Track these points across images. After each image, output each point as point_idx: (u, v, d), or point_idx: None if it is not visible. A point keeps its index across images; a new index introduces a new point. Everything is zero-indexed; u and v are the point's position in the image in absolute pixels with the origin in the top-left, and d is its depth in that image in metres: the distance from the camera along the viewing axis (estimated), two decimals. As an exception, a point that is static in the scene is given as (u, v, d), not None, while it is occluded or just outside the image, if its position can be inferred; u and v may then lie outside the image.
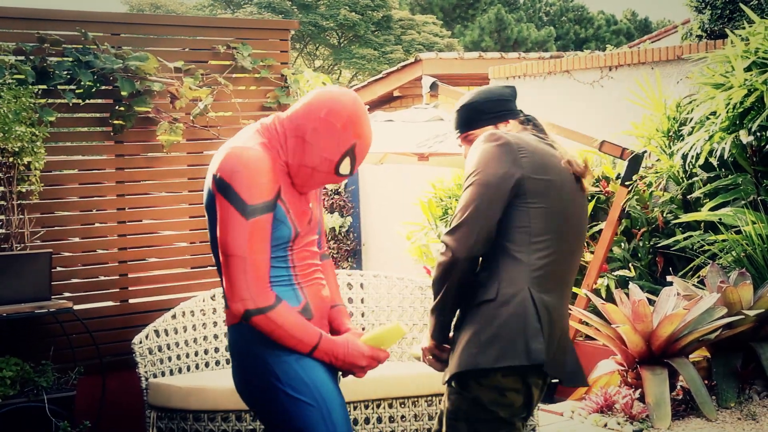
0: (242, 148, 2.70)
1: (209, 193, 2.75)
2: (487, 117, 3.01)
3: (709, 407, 5.16)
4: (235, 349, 2.83)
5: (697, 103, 6.35)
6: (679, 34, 11.18)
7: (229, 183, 2.66)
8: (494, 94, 3.06)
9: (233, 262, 2.66)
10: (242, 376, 2.83)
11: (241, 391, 2.87)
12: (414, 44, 28.51)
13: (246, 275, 2.66)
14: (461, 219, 2.73)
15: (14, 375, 4.52)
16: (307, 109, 2.81)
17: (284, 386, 2.73)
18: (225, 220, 2.67)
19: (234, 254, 2.66)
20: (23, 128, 4.74)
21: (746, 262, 5.79)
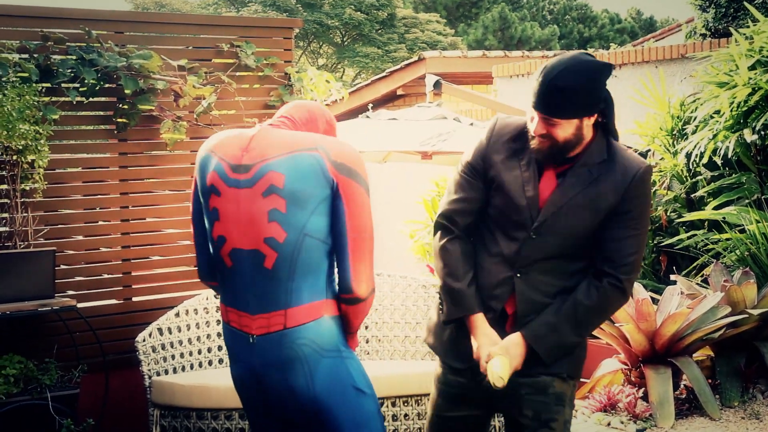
0: (339, 140, 2.78)
1: (322, 179, 2.65)
2: (585, 109, 2.76)
3: (713, 406, 5.16)
4: (307, 349, 2.67)
5: (701, 102, 6.35)
6: (683, 32, 11.16)
7: (352, 167, 2.69)
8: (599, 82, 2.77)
9: (369, 243, 2.69)
10: (311, 377, 2.69)
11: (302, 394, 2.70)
12: (418, 43, 28.51)
13: (372, 256, 2.72)
14: (639, 267, 2.89)
15: (18, 373, 4.52)
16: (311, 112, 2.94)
17: (355, 382, 2.75)
18: (360, 202, 2.68)
19: (369, 236, 2.69)
20: (27, 126, 4.74)
21: (750, 261, 5.78)
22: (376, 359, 5.28)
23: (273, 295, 2.67)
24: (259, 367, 2.71)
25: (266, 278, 2.67)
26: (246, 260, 2.68)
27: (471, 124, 6.39)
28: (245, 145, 2.74)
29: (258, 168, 2.67)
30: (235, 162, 2.71)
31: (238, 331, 2.73)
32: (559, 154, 2.79)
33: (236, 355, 2.77)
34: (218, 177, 2.71)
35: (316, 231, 2.66)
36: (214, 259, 2.79)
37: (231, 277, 2.72)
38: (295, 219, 2.65)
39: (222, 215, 2.70)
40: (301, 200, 2.64)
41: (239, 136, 2.78)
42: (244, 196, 2.68)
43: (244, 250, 2.68)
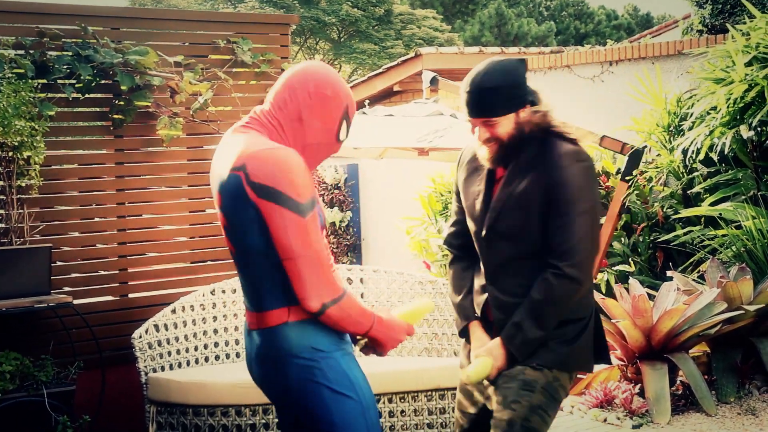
0: (269, 149, 2.63)
1: (243, 203, 2.63)
2: (513, 103, 2.92)
3: (709, 402, 5.17)
4: (278, 351, 2.71)
5: (697, 98, 6.35)
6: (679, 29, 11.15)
7: (274, 188, 2.58)
8: (518, 75, 2.94)
9: (302, 263, 2.62)
10: (284, 377, 2.72)
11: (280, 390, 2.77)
12: (414, 39, 28.48)
13: (317, 271, 2.64)
14: (587, 253, 2.92)
15: (14, 369, 4.52)
16: (291, 91, 2.76)
17: (330, 382, 2.71)
18: (282, 225, 2.59)
19: (301, 255, 2.62)
20: (23, 122, 4.73)
21: (746, 257, 5.79)
22: (372, 356, 5.27)
23: (251, 295, 2.77)
24: (250, 357, 2.84)
25: (246, 280, 2.77)
26: (237, 263, 2.80)
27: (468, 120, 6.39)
28: (216, 157, 2.79)
29: (215, 185, 2.74)
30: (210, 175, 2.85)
31: (246, 323, 2.86)
32: (511, 152, 2.94)
33: (245, 346, 2.90)
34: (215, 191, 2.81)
35: (255, 247, 2.66)
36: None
37: (242, 278, 2.82)
38: (236, 236, 2.71)
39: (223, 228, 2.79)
40: (234, 222, 2.68)
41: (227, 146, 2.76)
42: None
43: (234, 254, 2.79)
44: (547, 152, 2.93)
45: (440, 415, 4.63)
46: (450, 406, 4.64)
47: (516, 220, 2.93)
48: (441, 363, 4.80)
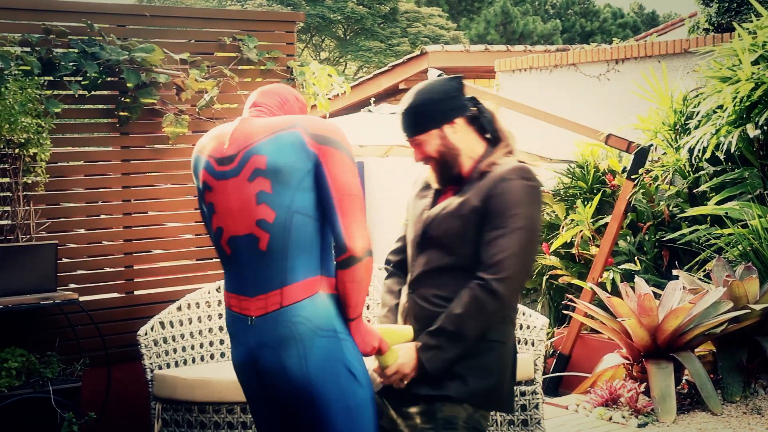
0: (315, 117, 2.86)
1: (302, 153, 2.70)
2: (431, 121, 2.93)
3: (715, 401, 5.16)
4: (303, 327, 2.67)
5: (703, 97, 6.33)
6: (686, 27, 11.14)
7: (331, 136, 2.74)
8: (437, 92, 2.95)
9: (357, 201, 2.71)
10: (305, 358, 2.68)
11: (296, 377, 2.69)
12: (420, 37, 28.47)
13: (364, 216, 2.74)
14: (516, 271, 2.80)
15: (20, 366, 4.53)
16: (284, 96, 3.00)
17: (350, 365, 2.73)
18: (341, 164, 2.72)
19: (356, 194, 2.71)
20: (29, 119, 4.74)
21: (752, 256, 5.78)
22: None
23: (269, 275, 2.71)
24: (255, 347, 2.74)
25: (262, 260, 2.72)
26: (242, 245, 2.75)
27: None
28: (227, 138, 2.81)
29: (242, 155, 2.75)
30: (220, 155, 2.80)
31: (239, 315, 2.78)
32: (448, 167, 2.96)
33: (236, 339, 2.82)
34: (208, 173, 2.81)
35: (304, 207, 2.70)
36: (216, 250, 2.88)
37: (231, 263, 2.80)
38: (281, 197, 2.70)
39: (217, 208, 2.79)
40: (285, 177, 2.70)
41: (221, 133, 2.86)
42: (232, 186, 2.75)
43: (239, 236, 2.75)
44: (497, 168, 2.89)
45: (445, 413, 4.62)
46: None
47: (451, 227, 2.87)
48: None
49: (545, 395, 5.31)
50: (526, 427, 4.58)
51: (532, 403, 4.60)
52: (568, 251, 7.25)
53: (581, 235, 7.00)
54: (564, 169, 7.61)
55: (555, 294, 7.55)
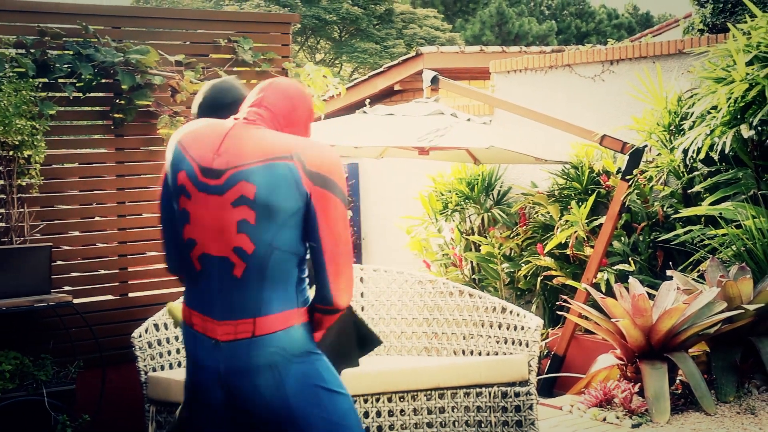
0: (319, 143, 2.66)
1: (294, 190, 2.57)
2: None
3: (708, 401, 5.17)
4: (277, 357, 2.59)
5: (698, 98, 6.34)
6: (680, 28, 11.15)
7: (330, 177, 2.60)
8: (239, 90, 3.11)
9: (344, 254, 2.61)
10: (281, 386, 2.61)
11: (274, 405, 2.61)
12: (415, 38, 28.48)
13: (351, 266, 2.66)
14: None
15: (13, 369, 4.52)
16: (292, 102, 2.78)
17: (326, 383, 2.67)
18: (334, 214, 2.59)
19: (349, 246, 2.62)
20: (23, 121, 4.74)
21: (746, 257, 5.79)
22: (372, 354, 5.28)
23: (241, 303, 2.59)
24: (225, 373, 2.61)
25: (235, 286, 2.59)
26: (215, 266, 2.60)
27: (468, 120, 6.39)
28: (217, 146, 2.63)
29: (229, 175, 2.58)
30: (206, 165, 2.61)
31: (202, 335, 2.64)
32: None
33: (198, 360, 2.65)
34: (188, 179, 2.62)
35: (285, 244, 2.58)
36: (183, 260, 2.70)
37: (198, 281, 2.65)
38: (263, 233, 2.56)
39: (192, 219, 2.61)
40: (272, 213, 2.56)
41: (211, 134, 2.66)
42: (213, 203, 2.59)
43: (213, 256, 2.60)
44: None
45: (439, 414, 4.63)
46: (450, 406, 4.64)
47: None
48: (440, 362, 4.81)
49: (539, 396, 5.31)
50: (520, 427, 4.58)
51: (527, 404, 4.61)
52: (563, 252, 7.26)
53: (576, 235, 7.01)
54: (558, 169, 7.62)
55: (549, 295, 7.55)
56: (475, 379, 4.60)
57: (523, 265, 7.49)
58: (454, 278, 8.03)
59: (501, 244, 7.67)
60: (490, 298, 5.10)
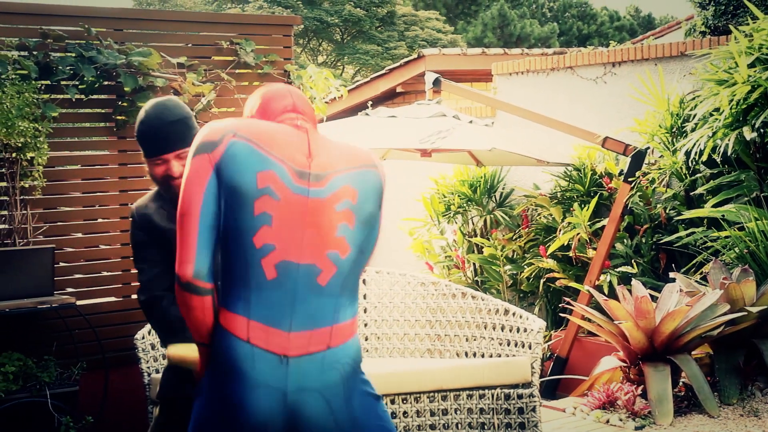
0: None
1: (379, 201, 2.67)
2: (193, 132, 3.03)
3: (712, 403, 5.16)
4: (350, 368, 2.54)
5: (700, 100, 6.34)
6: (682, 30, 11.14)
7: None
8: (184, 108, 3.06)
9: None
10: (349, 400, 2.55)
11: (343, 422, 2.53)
12: (417, 40, 28.50)
13: None
14: None
15: (17, 370, 4.53)
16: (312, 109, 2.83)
17: (375, 391, 2.70)
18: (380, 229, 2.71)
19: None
20: (26, 123, 4.74)
21: (749, 259, 5.78)
22: (375, 356, 5.28)
23: (320, 311, 2.49)
24: (294, 392, 2.44)
25: (315, 294, 2.49)
26: (295, 274, 2.47)
27: (470, 122, 6.39)
28: (306, 150, 2.53)
29: (331, 179, 2.52)
30: (301, 168, 2.49)
31: (264, 352, 2.43)
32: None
33: (255, 380, 2.42)
34: (280, 180, 2.46)
35: (368, 249, 2.62)
36: (244, 266, 2.45)
37: (268, 289, 2.45)
38: (358, 236, 2.56)
39: (276, 222, 2.44)
40: (365, 218, 2.58)
41: (290, 137, 2.55)
42: (313, 207, 2.49)
43: (295, 264, 2.47)
44: None
45: (442, 416, 4.63)
46: (453, 407, 4.64)
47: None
48: (443, 364, 4.81)
49: (542, 398, 5.31)
50: (523, 429, 4.58)
51: (530, 406, 4.60)
52: (565, 254, 7.25)
53: (578, 238, 7.01)
54: (561, 171, 7.62)
55: (552, 297, 7.55)
56: (478, 380, 4.60)
57: (526, 267, 7.49)
58: (456, 280, 8.03)
59: (503, 246, 7.67)
60: (493, 300, 5.10)
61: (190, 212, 2.43)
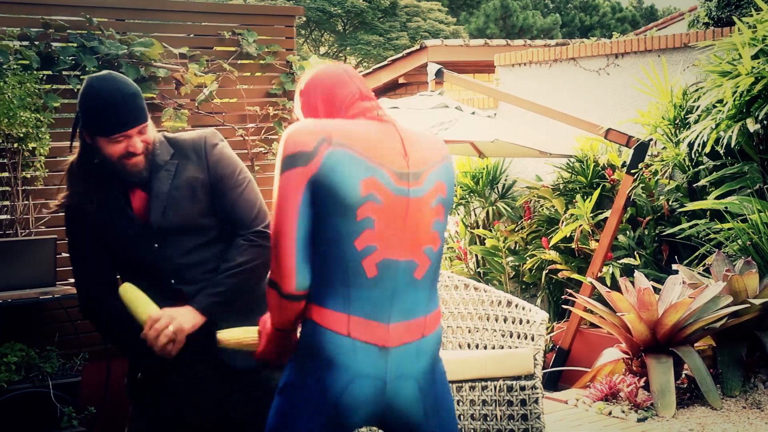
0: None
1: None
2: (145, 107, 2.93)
3: (714, 396, 5.16)
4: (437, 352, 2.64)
5: (703, 91, 6.33)
6: (685, 21, 11.11)
7: None
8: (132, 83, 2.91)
9: None
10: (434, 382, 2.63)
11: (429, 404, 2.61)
12: (419, 31, 28.45)
13: None
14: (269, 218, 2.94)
15: (19, 361, 4.53)
16: None
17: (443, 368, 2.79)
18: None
19: None
20: (28, 114, 4.73)
21: (752, 251, 5.78)
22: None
23: (416, 303, 2.55)
24: (392, 381, 2.51)
25: (412, 287, 2.54)
26: (395, 271, 2.51)
27: (473, 113, 6.38)
28: (401, 149, 2.54)
29: (426, 177, 2.55)
30: (400, 169, 2.51)
31: (365, 344, 2.48)
32: (154, 159, 2.90)
33: (357, 369, 2.47)
34: (382, 185, 2.47)
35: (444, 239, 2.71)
36: (343, 266, 2.46)
37: (369, 287, 2.48)
38: (443, 229, 2.63)
39: (379, 224, 2.46)
40: (449, 209, 2.65)
41: (383, 136, 2.54)
42: (413, 206, 2.52)
43: (396, 261, 2.50)
44: (185, 143, 2.96)
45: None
46: (455, 399, 4.64)
47: (188, 209, 2.91)
48: (445, 355, 4.79)
49: (545, 390, 5.30)
50: (525, 421, 4.58)
51: (532, 398, 4.60)
52: (568, 246, 7.25)
53: (581, 229, 7.00)
54: (563, 163, 7.61)
55: (554, 289, 7.55)
56: (481, 372, 4.60)
57: (528, 259, 7.48)
58: (459, 271, 8.03)
59: (506, 238, 7.66)
60: (496, 292, 5.10)
61: (285, 231, 2.43)
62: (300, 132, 2.43)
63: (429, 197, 2.54)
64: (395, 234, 2.48)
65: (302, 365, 2.50)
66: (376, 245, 2.46)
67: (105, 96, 2.78)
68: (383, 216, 2.46)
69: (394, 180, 2.48)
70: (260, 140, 5.79)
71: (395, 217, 2.48)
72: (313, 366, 2.47)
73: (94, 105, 2.79)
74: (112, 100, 2.77)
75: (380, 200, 2.45)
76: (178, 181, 2.91)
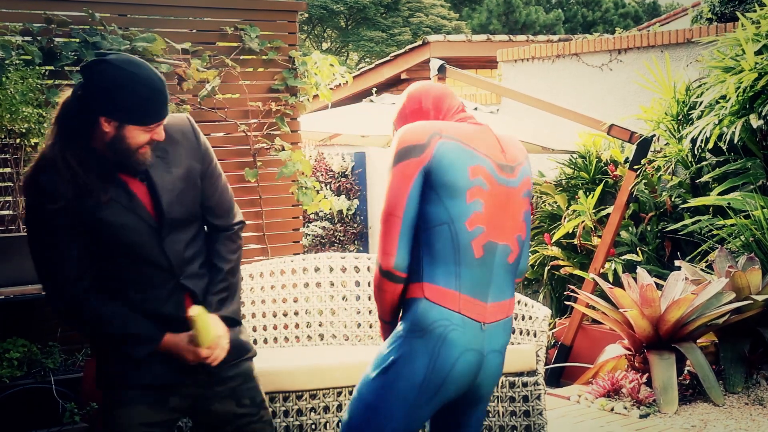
0: None
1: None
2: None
3: (717, 392, 5.16)
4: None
5: (706, 87, 6.32)
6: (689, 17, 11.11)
7: None
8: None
9: None
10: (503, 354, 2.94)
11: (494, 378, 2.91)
12: (422, 27, 28.42)
13: None
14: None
15: (21, 356, 4.52)
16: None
17: None
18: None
19: None
20: (30, 109, 4.73)
21: (755, 247, 5.77)
22: (379, 344, 5.26)
23: (507, 285, 2.84)
24: (487, 354, 2.80)
25: (505, 270, 2.83)
26: (495, 253, 2.78)
27: (475, 109, 6.37)
28: (499, 145, 2.85)
29: (519, 170, 2.87)
30: (501, 161, 2.82)
31: (470, 320, 2.74)
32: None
33: (466, 343, 2.73)
34: (488, 172, 2.76)
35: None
36: (455, 246, 2.71)
37: (474, 267, 2.75)
38: (530, 219, 2.94)
39: (486, 208, 2.74)
40: (530, 205, 2.94)
41: (483, 134, 2.84)
42: (511, 195, 2.82)
43: (497, 244, 2.78)
44: (172, 129, 2.88)
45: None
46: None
47: (190, 199, 2.84)
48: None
49: (547, 386, 5.31)
50: (527, 417, 4.57)
51: (534, 394, 4.60)
52: (570, 242, 7.24)
53: (583, 225, 7.00)
54: (566, 159, 7.60)
55: (557, 285, 7.55)
56: (483, 368, 4.58)
57: (531, 255, 7.48)
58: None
59: (508, 234, 7.65)
60: (498, 288, 5.08)
61: (396, 213, 2.70)
62: (414, 129, 2.75)
63: (521, 189, 2.86)
64: (498, 219, 2.77)
65: (411, 342, 2.72)
66: (484, 227, 2.74)
67: (151, 84, 2.67)
68: (489, 201, 2.75)
69: (497, 170, 2.79)
70: (262, 136, 5.79)
71: (498, 203, 2.77)
72: (424, 342, 2.71)
73: (142, 93, 2.64)
74: (158, 87, 2.68)
75: (486, 186, 2.75)
76: (177, 170, 2.81)
